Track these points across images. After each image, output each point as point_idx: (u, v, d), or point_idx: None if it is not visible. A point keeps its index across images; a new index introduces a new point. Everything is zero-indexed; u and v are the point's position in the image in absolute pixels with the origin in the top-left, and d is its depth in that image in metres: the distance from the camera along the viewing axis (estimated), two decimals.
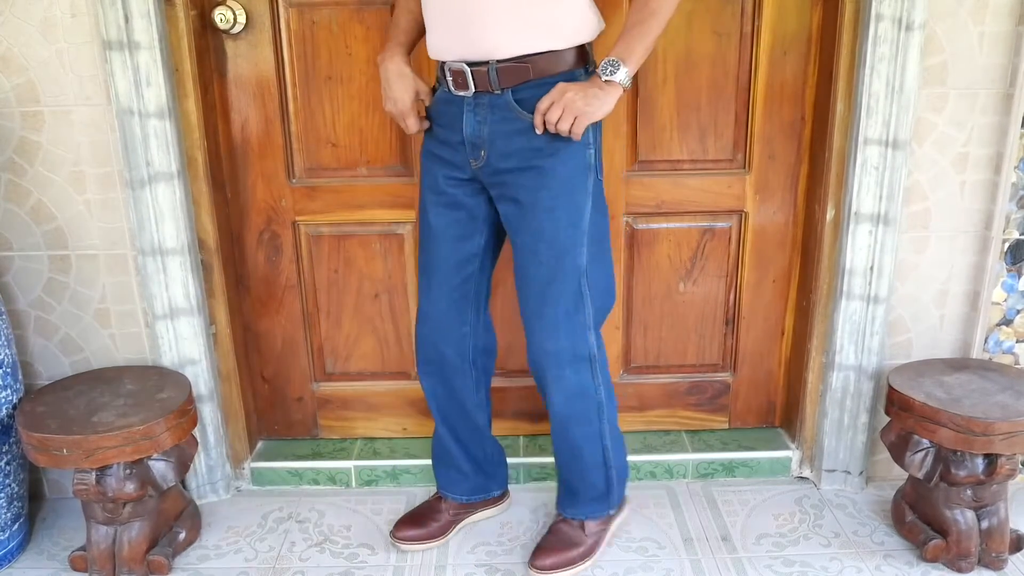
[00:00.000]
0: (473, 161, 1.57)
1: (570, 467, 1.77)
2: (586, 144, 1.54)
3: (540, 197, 1.54)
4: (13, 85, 1.76)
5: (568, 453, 1.75)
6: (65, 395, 1.79)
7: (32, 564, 1.85)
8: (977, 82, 1.78)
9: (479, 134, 1.54)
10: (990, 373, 1.84)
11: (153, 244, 1.83)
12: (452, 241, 1.66)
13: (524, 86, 1.49)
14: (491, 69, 1.48)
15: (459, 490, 1.91)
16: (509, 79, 1.49)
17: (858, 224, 1.85)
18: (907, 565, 1.80)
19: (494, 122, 1.53)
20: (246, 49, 1.89)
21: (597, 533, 1.82)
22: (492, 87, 1.50)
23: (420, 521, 1.88)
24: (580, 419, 1.69)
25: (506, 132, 1.53)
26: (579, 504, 1.80)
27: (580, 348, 1.63)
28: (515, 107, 1.50)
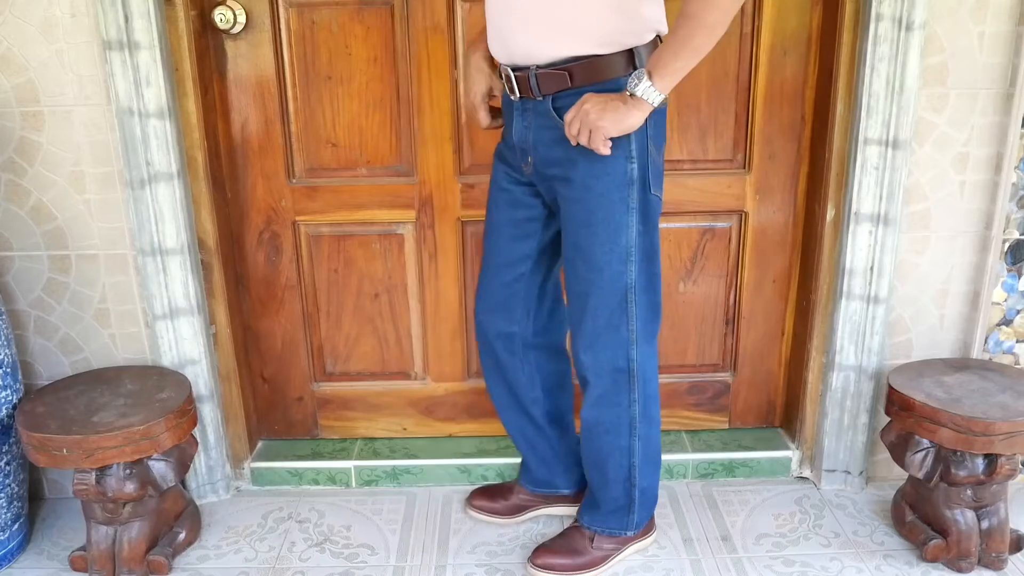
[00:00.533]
0: (524, 166, 1.58)
1: (593, 476, 1.76)
2: (626, 157, 1.45)
3: (575, 211, 1.51)
4: (13, 85, 1.76)
5: (593, 461, 1.73)
6: (65, 395, 1.79)
7: (32, 564, 1.85)
8: (977, 82, 1.78)
9: (526, 139, 1.54)
10: (990, 373, 1.84)
11: (153, 244, 1.83)
12: (507, 239, 1.68)
13: (564, 93, 1.45)
14: (531, 75, 1.46)
15: (524, 479, 1.94)
16: (549, 86, 1.45)
17: (858, 224, 1.85)
18: (907, 565, 1.80)
19: (537, 128, 1.51)
20: (246, 49, 1.89)
21: (607, 551, 1.79)
22: (534, 93, 1.47)
23: (492, 495, 1.95)
24: (608, 429, 1.67)
25: (547, 139, 1.51)
26: (596, 515, 1.79)
27: (619, 361, 1.60)
28: (553, 115, 1.47)
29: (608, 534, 1.79)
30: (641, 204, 1.50)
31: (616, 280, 1.54)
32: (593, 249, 1.52)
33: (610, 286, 1.54)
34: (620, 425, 1.66)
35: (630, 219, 1.50)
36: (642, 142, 1.47)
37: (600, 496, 1.77)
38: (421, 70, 1.89)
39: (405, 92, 1.92)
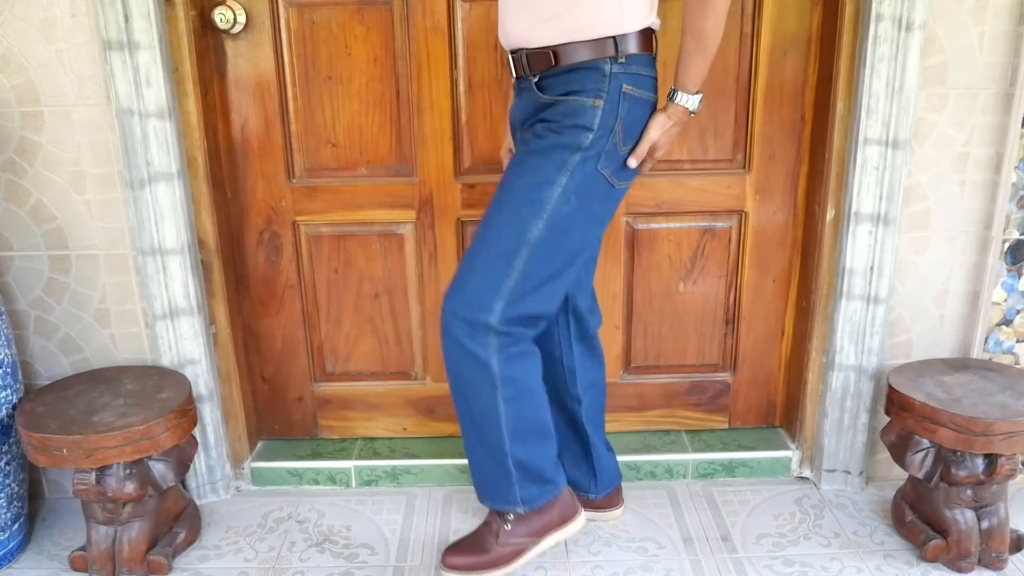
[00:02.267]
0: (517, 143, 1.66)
1: (465, 432, 1.65)
2: (584, 127, 1.51)
3: (518, 154, 1.60)
4: (13, 85, 1.76)
5: (459, 411, 1.63)
6: (65, 395, 1.79)
7: (32, 564, 1.85)
8: (977, 82, 1.78)
9: (515, 117, 1.65)
10: (990, 373, 1.84)
11: (153, 244, 1.83)
12: None
13: (548, 73, 1.54)
14: (523, 56, 1.56)
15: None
16: (536, 66, 1.55)
17: (858, 224, 1.85)
18: (907, 565, 1.80)
19: (525, 104, 1.60)
20: (246, 49, 1.89)
21: (517, 545, 1.70)
22: (526, 72, 1.57)
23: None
24: (468, 383, 1.58)
25: (526, 111, 1.60)
26: (483, 486, 1.70)
27: (479, 313, 1.51)
28: (535, 91, 1.56)
29: (499, 510, 1.70)
30: (581, 176, 1.51)
31: (516, 226, 1.51)
32: (511, 189, 1.54)
33: (508, 230, 1.52)
34: (479, 381, 1.56)
35: (561, 178, 1.51)
36: (609, 119, 1.51)
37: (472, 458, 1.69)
38: (421, 70, 1.90)
39: (405, 92, 1.92)
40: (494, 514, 1.73)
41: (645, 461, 2.09)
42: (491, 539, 1.71)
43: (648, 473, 2.09)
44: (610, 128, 1.52)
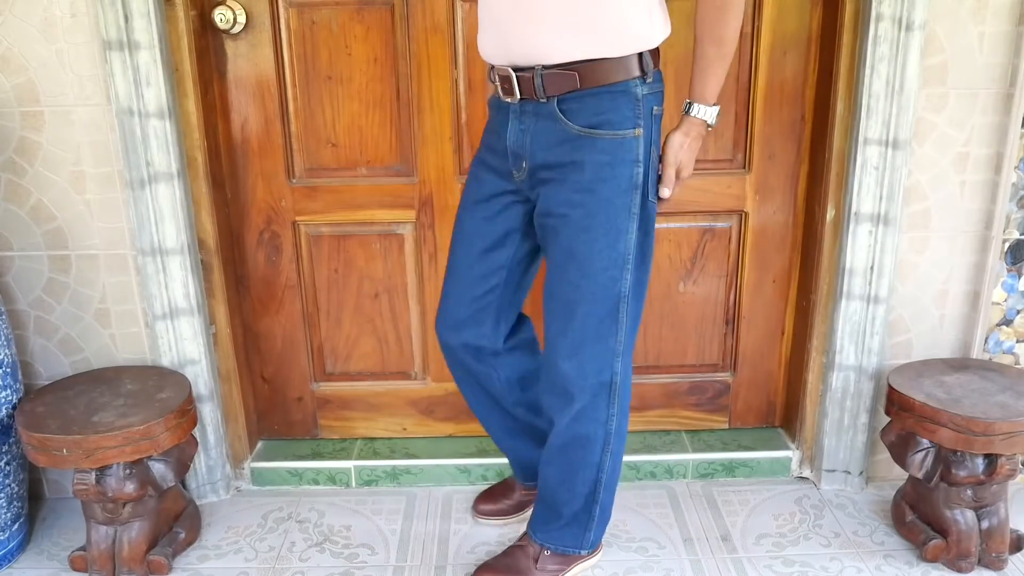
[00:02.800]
0: (515, 172, 1.51)
1: (556, 491, 1.66)
2: (634, 161, 1.43)
3: (575, 215, 1.44)
4: (13, 85, 1.76)
5: (558, 475, 1.64)
6: (65, 395, 1.79)
7: (32, 564, 1.85)
8: (977, 82, 1.78)
9: (522, 143, 1.47)
10: (990, 373, 1.84)
11: (153, 244, 1.83)
12: (481, 251, 1.60)
13: (571, 95, 1.40)
14: (536, 75, 1.39)
15: (517, 474, 1.92)
16: (555, 87, 1.40)
17: (858, 224, 1.85)
18: (907, 565, 1.80)
19: (537, 132, 1.45)
20: (246, 49, 1.89)
21: (551, 571, 1.71)
22: (538, 95, 1.41)
23: (494, 497, 1.94)
24: (584, 443, 1.59)
25: (548, 143, 1.44)
26: (551, 530, 1.70)
27: (604, 374, 1.53)
28: (560, 117, 1.42)
29: (560, 552, 1.70)
30: (641, 210, 1.47)
31: (610, 287, 1.48)
32: (591, 255, 1.46)
33: (603, 293, 1.48)
34: (596, 440, 1.59)
35: (631, 225, 1.46)
36: (647, 147, 1.45)
37: (562, 511, 1.67)
38: (421, 70, 1.89)
39: (405, 92, 1.92)
40: (528, 537, 1.74)
41: (645, 461, 2.09)
42: (529, 563, 1.70)
43: (648, 473, 2.09)
44: (650, 156, 1.46)
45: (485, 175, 1.58)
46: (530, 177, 1.50)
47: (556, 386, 1.56)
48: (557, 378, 1.55)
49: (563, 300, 1.50)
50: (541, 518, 1.73)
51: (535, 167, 1.48)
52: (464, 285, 1.65)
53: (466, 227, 1.62)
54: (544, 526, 1.72)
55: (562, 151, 1.44)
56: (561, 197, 1.45)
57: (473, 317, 1.66)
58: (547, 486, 1.69)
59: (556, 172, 1.45)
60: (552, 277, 1.52)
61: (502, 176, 1.55)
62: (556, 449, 1.63)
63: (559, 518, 1.69)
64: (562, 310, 1.51)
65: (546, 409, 1.63)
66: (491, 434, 1.85)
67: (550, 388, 1.59)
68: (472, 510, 1.96)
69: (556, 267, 1.50)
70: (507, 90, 1.45)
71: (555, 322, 1.53)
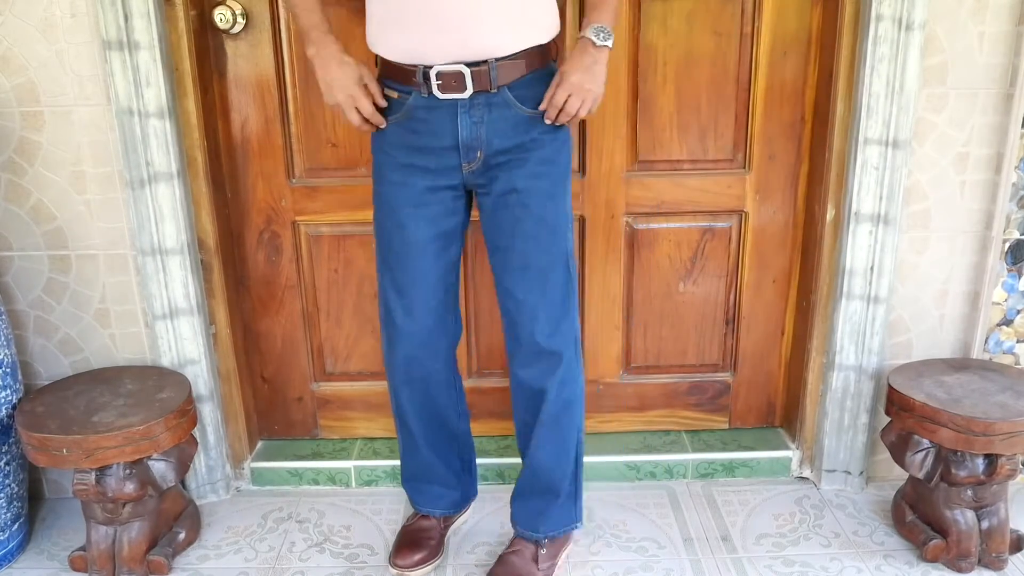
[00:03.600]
0: (466, 164, 1.53)
1: (553, 470, 1.68)
2: (567, 131, 1.59)
3: (541, 185, 1.54)
4: (13, 85, 1.76)
5: (554, 451, 1.67)
6: (65, 395, 1.79)
7: (32, 564, 1.85)
8: (977, 82, 1.78)
9: (476, 135, 1.51)
10: (990, 373, 1.84)
11: (153, 244, 1.83)
12: (435, 254, 1.60)
13: (518, 82, 1.50)
14: (492, 68, 1.46)
15: (443, 505, 1.85)
16: (506, 76, 1.48)
17: (858, 224, 1.85)
18: (907, 565, 1.80)
19: (491, 121, 1.50)
20: (246, 49, 1.88)
21: (548, 568, 1.73)
22: (491, 86, 1.48)
23: (418, 544, 1.80)
24: (569, 408, 1.65)
25: (504, 128, 1.51)
26: (551, 516, 1.72)
27: (574, 332, 1.63)
28: (515, 103, 1.50)
29: (559, 535, 1.75)
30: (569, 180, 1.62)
31: (568, 249, 1.60)
32: (558, 220, 1.57)
33: (565, 256, 1.59)
34: (577, 401, 1.66)
35: (569, 187, 1.62)
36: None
37: (559, 489, 1.70)
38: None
39: None
40: (523, 540, 1.76)
41: (645, 461, 2.09)
42: (532, 565, 1.72)
43: (648, 473, 2.09)
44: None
45: (411, 178, 1.56)
46: (484, 165, 1.54)
47: (542, 356, 1.60)
48: (543, 348, 1.59)
49: (538, 268, 1.57)
50: (536, 509, 1.73)
51: (492, 154, 1.53)
52: (430, 293, 1.63)
53: (409, 234, 1.58)
54: (541, 516, 1.73)
55: (518, 134, 1.52)
56: (525, 173, 1.54)
57: (439, 324, 1.67)
58: (543, 468, 1.69)
59: (515, 154, 1.53)
60: (525, 249, 1.57)
61: (438, 174, 1.55)
62: (549, 424, 1.66)
63: (557, 497, 1.71)
64: (537, 278, 1.58)
65: (529, 383, 1.64)
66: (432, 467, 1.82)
67: (534, 359, 1.61)
68: (395, 567, 1.77)
69: (528, 238, 1.56)
70: (454, 87, 1.47)
71: (531, 293, 1.58)
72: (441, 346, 1.70)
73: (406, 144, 1.55)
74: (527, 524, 1.75)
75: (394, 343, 1.67)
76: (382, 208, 1.62)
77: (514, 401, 1.71)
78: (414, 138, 1.54)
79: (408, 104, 1.52)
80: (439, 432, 1.79)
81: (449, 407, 1.78)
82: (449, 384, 1.76)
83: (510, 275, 1.59)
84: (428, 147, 1.54)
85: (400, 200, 1.58)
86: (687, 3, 1.86)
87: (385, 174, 1.60)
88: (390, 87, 1.54)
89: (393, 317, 1.65)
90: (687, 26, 1.88)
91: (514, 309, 1.60)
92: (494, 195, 1.56)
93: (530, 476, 1.73)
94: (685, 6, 1.86)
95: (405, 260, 1.61)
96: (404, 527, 1.87)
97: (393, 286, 1.64)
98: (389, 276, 1.64)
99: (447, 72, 1.46)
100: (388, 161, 1.58)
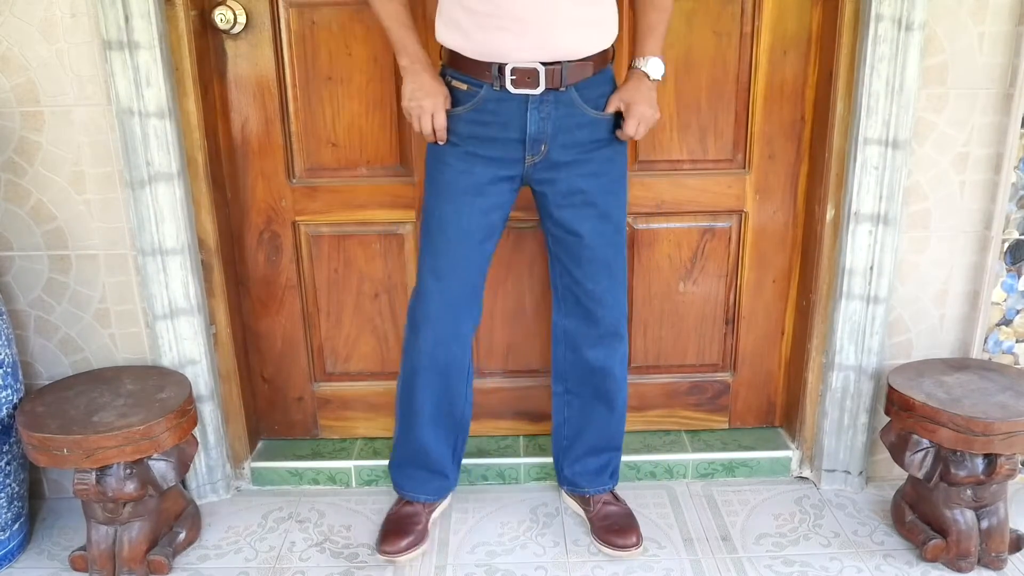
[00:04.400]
0: (530, 157, 1.62)
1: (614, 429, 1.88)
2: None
3: (604, 183, 1.67)
4: (13, 85, 1.76)
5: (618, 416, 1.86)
6: (65, 395, 1.79)
7: (32, 564, 1.85)
8: (977, 82, 1.78)
9: (543, 130, 1.60)
10: (990, 373, 1.84)
11: (153, 244, 1.83)
12: (479, 243, 1.69)
13: (583, 83, 1.59)
14: (564, 68, 1.55)
15: (430, 491, 1.90)
16: (575, 76, 1.58)
17: (858, 224, 1.85)
18: (907, 565, 1.80)
19: (558, 117, 1.59)
20: (246, 49, 1.89)
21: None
22: (561, 83, 1.57)
23: (405, 530, 1.83)
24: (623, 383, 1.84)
25: (569, 126, 1.61)
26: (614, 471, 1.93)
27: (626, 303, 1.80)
28: (580, 103, 1.60)
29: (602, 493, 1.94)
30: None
31: (625, 240, 1.76)
32: (620, 215, 1.72)
33: (623, 247, 1.75)
34: (621, 358, 1.83)
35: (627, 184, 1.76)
36: None
37: (615, 443, 1.91)
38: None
39: None
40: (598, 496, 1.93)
41: (645, 461, 2.09)
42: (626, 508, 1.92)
43: (648, 473, 2.09)
44: None
45: (475, 167, 1.64)
46: (546, 160, 1.62)
47: (615, 339, 1.78)
48: (616, 332, 1.78)
49: (605, 260, 1.72)
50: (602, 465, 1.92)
51: (556, 149, 1.62)
52: (467, 279, 1.72)
53: (464, 220, 1.66)
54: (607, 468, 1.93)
55: (582, 132, 1.62)
56: (589, 172, 1.65)
57: (468, 311, 1.76)
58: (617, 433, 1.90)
59: (579, 151, 1.63)
60: (593, 244, 1.69)
61: (501, 164, 1.63)
62: (614, 393, 1.84)
63: (618, 451, 1.93)
64: (605, 269, 1.72)
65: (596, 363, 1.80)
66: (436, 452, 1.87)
67: (604, 341, 1.78)
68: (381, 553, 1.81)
69: (593, 232, 1.69)
70: (527, 82, 1.56)
71: (601, 281, 1.73)
72: (465, 331, 1.77)
73: (474, 134, 1.62)
74: (595, 482, 1.91)
75: (424, 327, 1.74)
76: (442, 194, 1.67)
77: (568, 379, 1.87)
78: (482, 129, 1.62)
79: (479, 96, 1.60)
80: (446, 418, 1.84)
81: (461, 393, 1.84)
82: (464, 369, 1.82)
83: (580, 267, 1.72)
84: (496, 137, 1.61)
85: (462, 187, 1.65)
86: (687, 3, 1.86)
87: (449, 161, 1.65)
88: (459, 80, 1.61)
89: (428, 301, 1.72)
90: (687, 26, 1.88)
91: (584, 297, 1.74)
92: (560, 194, 1.66)
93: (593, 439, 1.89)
94: (685, 6, 1.86)
95: (454, 246, 1.68)
96: (388, 515, 1.91)
97: (433, 272, 1.71)
98: (431, 261, 1.71)
99: (524, 68, 1.55)
100: (453, 150, 1.65)
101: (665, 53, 1.88)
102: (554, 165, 1.63)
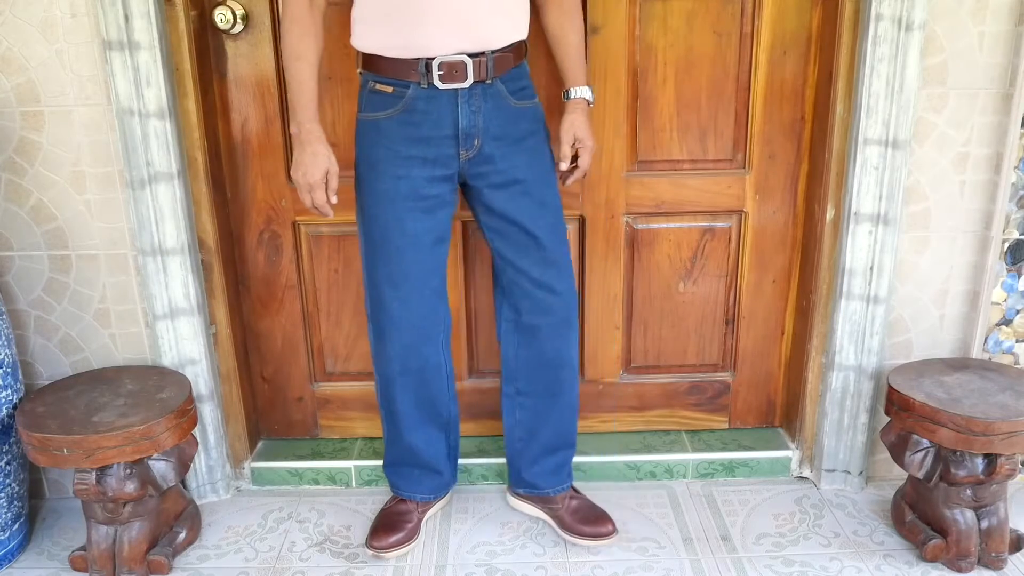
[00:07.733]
0: (464, 152, 1.61)
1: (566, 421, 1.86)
2: (545, 120, 1.73)
3: (538, 172, 1.68)
4: (13, 85, 1.76)
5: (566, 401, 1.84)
6: (65, 395, 1.79)
7: (32, 564, 1.85)
8: (977, 82, 1.78)
9: (474, 123, 1.60)
10: (990, 373, 1.84)
11: (153, 244, 1.83)
12: (430, 245, 1.68)
13: (507, 75, 1.61)
14: (488, 59, 1.56)
15: (425, 489, 1.92)
16: (500, 67, 1.59)
17: (858, 224, 1.85)
18: (907, 565, 1.80)
19: (488, 110, 1.60)
20: (246, 49, 1.89)
21: None
22: (487, 76, 1.57)
23: (395, 527, 1.85)
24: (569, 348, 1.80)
25: (499, 119, 1.61)
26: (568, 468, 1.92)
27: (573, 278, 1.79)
28: (506, 94, 1.61)
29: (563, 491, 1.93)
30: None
31: (564, 224, 1.76)
32: (557, 201, 1.72)
33: (564, 231, 1.75)
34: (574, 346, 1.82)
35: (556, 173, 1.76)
36: None
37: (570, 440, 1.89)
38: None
39: None
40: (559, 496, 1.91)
41: (645, 461, 2.09)
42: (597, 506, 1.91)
43: (648, 473, 2.10)
44: None
45: (412, 170, 1.62)
46: (480, 153, 1.62)
47: (568, 328, 1.78)
48: (568, 320, 1.77)
49: (550, 247, 1.71)
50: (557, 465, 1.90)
51: (488, 142, 1.62)
52: (425, 282, 1.71)
53: (408, 225, 1.65)
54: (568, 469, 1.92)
55: (511, 123, 1.63)
56: (524, 161, 1.66)
57: (432, 312, 1.75)
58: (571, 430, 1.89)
59: (509, 143, 1.64)
60: (534, 231, 1.68)
61: (436, 164, 1.62)
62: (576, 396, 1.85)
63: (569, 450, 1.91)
64: (551, 257, 1.71)
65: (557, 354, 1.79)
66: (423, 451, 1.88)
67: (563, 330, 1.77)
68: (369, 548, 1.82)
69: (535, 221, 1.68)
70: (455, 76, 1.56)
71: (548, 269, 1.72)
72: (435, 332, 1.77)
73: (406, 136, 1.61)
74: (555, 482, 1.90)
75: (389, 334, 1.74)
76: (380, 202, 1.65)
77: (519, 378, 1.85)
78: (414, 129, 1.60)
79: (407, 96, 1.59)
80: (431, 419, 1.85)
81: (442, 392, 1.84)
82: (441, 368, 1.82)
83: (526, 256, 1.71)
84: (428, 136, 1.60)
85: (400, 193, 1.63)
86: (687, 3, 1.86)
87: (384, 169, 1.63)
88: (383, 83, 1.59)
89: (388, 309, 1.71)
90: (687, 26, 1.88)
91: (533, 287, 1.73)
92: (497, 186, 1.65)
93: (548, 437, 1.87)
94: (685, 6, 1.86)
95: (403, 252, 1.67)
96: (382, 510, 1.93)
97: (388, 280, 1.69)
98: (383, 270, 1.69)
99: (451, 62, 1.55)
100: (388, 155, 1.62)
101: (665, 53, 1.90)
102: (488, 158, 1.62)
